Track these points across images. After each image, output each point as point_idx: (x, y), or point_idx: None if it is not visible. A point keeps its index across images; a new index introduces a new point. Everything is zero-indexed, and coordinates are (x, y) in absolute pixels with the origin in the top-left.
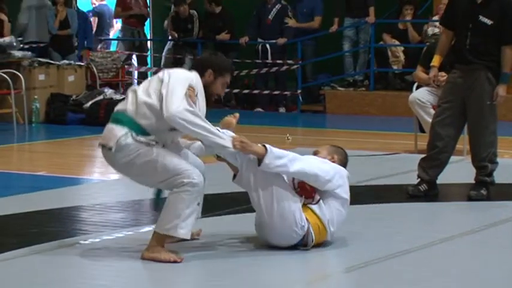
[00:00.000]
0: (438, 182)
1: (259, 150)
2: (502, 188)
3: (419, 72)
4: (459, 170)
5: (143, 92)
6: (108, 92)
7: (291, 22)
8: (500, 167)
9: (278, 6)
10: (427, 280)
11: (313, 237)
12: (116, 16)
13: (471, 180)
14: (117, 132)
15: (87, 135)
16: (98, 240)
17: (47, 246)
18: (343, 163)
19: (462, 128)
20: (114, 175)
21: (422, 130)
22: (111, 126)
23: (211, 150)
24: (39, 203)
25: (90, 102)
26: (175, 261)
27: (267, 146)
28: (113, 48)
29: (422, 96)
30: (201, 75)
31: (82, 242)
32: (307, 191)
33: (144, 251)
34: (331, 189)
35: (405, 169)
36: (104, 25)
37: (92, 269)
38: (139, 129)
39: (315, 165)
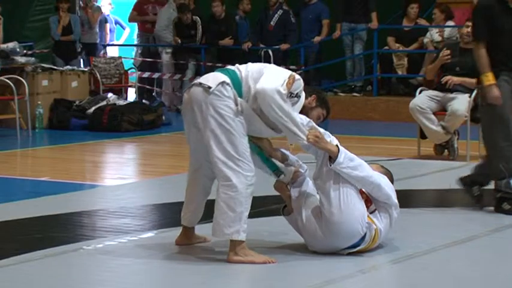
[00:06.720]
0: (441, 187)
1: (333, 149)
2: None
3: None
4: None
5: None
6: (112, 97)
7: None
8: None
9: (280, 11)
10: (429, 285)
11: (368, 240)
12: (131, 20)
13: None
14: (221, 77)
15: (90, 140)
16: (101, 245)
17: (50, 252)
18: None
19: None
20: (116, 181)
21: (423, 136)
22: (217, 73)
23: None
24: (42, 208)
25: (93, 108)
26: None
27: (340, 146)
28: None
29: (422, 102)
30: (306, 96)
31: (85, 247)
32: (366, 199)
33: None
34: (389, 202)
35: (408, 175)
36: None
37: (95, 275)
38: (240, 92)
39: (379, 177)
